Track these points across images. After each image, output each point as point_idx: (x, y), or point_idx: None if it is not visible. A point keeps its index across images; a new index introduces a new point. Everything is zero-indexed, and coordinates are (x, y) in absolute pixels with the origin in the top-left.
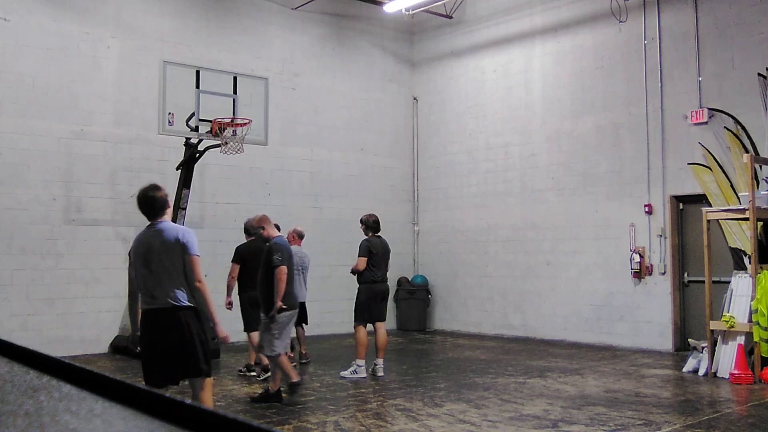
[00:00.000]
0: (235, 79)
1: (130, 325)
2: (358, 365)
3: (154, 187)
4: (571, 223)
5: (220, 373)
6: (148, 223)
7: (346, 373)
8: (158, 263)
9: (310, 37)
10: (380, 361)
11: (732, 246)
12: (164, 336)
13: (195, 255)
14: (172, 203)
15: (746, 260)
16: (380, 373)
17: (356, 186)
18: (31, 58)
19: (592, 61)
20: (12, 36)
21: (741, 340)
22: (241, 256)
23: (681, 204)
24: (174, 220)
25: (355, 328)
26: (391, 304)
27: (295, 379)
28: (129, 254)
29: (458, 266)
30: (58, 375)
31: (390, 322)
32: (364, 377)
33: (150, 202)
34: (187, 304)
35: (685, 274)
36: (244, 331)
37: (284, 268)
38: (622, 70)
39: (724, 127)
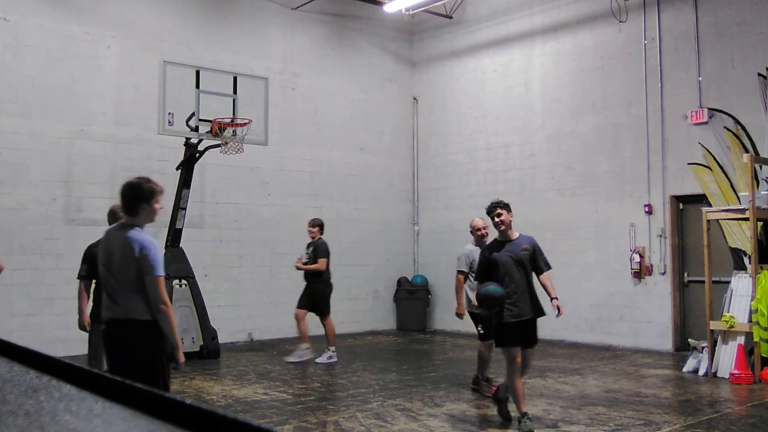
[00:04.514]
0: (235, 79)
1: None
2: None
3: (141, 178)
4: (571, 223)
5: (220, 372)
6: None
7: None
8: (118, 270)
9: (310, 37)
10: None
11: (732, 246)
12: (122, 353)
13: (159, 276)
14: (157, 204)
15: (746, 260)
16: None
17: (356, 186)
18: (32, 58)
19: (592, 61)
20: (12, 36)
21: (741, 340)
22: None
23: (681, 204)
24: (174, 220)
25: None
26: (390, 304)
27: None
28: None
29: None
30: (58, 375)
31: (390, 322)
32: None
33: (125, 190)
34: (147, 318)
35: (685, 274)
36: None
37: None
38: (622, 70)
39: (724, 127)
